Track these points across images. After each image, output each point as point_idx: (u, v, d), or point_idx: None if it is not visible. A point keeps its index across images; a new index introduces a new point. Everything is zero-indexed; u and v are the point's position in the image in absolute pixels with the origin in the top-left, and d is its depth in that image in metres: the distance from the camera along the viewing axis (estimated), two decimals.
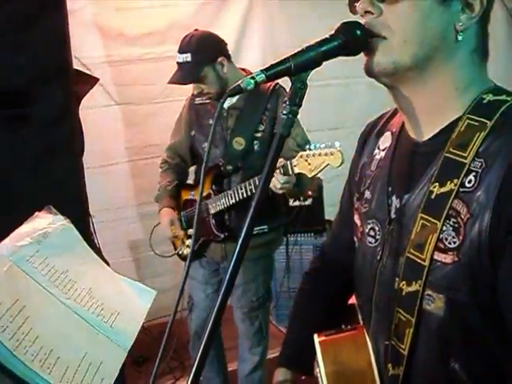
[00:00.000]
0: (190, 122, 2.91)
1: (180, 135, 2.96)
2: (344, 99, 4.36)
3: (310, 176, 2.35)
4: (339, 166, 2.23)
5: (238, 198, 2.60)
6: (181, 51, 2.67)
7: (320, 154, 2.30)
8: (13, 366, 0.95)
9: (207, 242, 2.87)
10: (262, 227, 2.76)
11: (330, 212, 3.94)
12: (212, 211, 2.77)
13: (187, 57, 2.63)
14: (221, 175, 2.78)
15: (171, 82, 2.73)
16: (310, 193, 3.86)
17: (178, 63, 2.69)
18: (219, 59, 2.68)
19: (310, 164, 2.32)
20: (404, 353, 0.98)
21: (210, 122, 2.79)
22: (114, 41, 3.55)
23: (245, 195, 2.56)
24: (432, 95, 0.97)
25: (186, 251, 2.93)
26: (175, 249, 3.09)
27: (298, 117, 0.89)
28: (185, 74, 2.66)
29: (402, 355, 0.98)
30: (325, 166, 2.29)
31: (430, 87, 0.96)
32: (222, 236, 2.77)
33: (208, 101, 2.82)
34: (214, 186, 2.78)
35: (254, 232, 2.64)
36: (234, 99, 2.76)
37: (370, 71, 0.97)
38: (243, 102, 2.74)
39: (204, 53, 2.66)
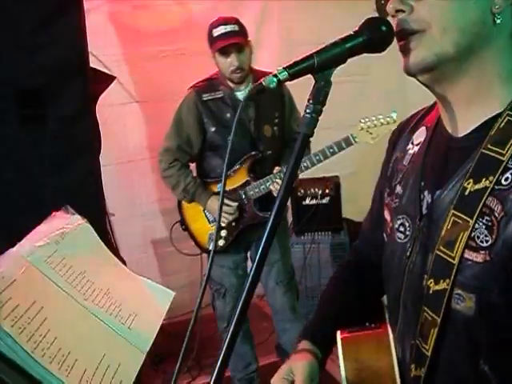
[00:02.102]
0: (201, 119, 2.92)
1: (184, 134, 2.96)
2: (358, 96, 4.32)
3: (371, 143, 2.74)
4: None
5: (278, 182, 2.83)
6: (225, 23, 2.78)
7: (381, 124, 2.78)
8: (31, 367, 0.94)
9: (245, 228, 3.00)
10: None
11: (348, 210, 3.91)
12: (254, 197, 2.96)
13: (235, 27, 2.78)
14: (255, 163, 2.95)
15: (223, 46, 2.77)
16: (327, 191, 3.83)
17: (223, 34, 2.77)
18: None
19: (371, 133, 2.81)
20: (427, 353, 0.95)
21: (228, 115, 2.88)
22: (130, 38, 3.55)
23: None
24: (474, 85, 0.94)
25: (222, 243, 3.02)
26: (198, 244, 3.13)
27: None
28: (237, 36, 2.77)
29: (426, 356, 0.96)
30: (386, 133, 2.60)
31: (472, 77, 0.93)
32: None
33: (220, 95, 2.89)
34: (251, 174, 2.96)
35: None
36: (247, 90, 2.79)
37: (410, 70, 0.94)
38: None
39: (245, 29, 2.85)
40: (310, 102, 0.86)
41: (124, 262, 2.67)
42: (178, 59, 3.69)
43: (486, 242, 0.87)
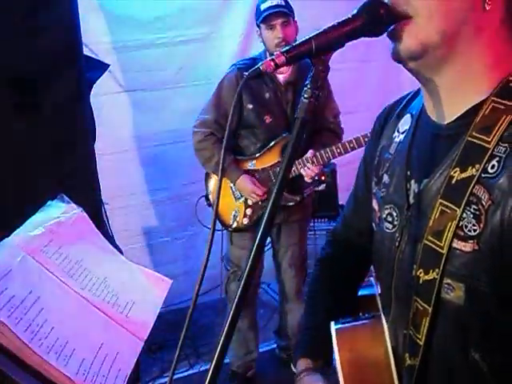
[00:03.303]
0: (240, 94, 2.91)
1: (223, 108, 2.95)
2: (357, 83, 4.29)
3: None
4: None
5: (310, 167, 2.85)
6: None
7: None
8: (28, 358, 0.94)
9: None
10: (310, 187, 3.12)
11: (344, 197, 3.90)
12: None
13: (281, 1, 2.82)
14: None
15: (269, 14, 2.79)
16: (323, 178, 3.83)
17: (270, 7, 2.80)
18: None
19: None
20: (420, 343, 0.95)
21: (267, 95, 2.92)
22: (124, 26, 3.50)
23: (320, 162, 2.85)
24: (460, 73, 0.93)
25: (246, 221, 3.04)
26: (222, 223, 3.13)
27: None
28: (283, 10, 2.80)
29: (419, 345, 0.95)
30: None
31: (458, 65, 0.92)
32: (298, 198, 3.01)
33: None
34: (283, 155, 2.87)
35: (307, 193, 2.95)
36: (287, 74, 2.92)
37: (398, 57, 0.93)
38: (296, 77, 2.90)
39: (291, 7, 2.88)
40: (308, 86, 0.85)
41: (120, 251, 2.66)
42: (174, 47, 3.65)
43: (474, 231, 0.86)
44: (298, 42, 0.84)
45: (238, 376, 3.28)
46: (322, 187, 3.80)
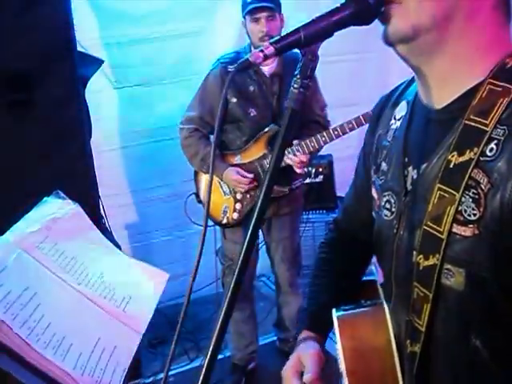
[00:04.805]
0: (225, 92, 2.88)
1: (208, 104, 2.95)
2: (357, 75, 4.26)
3: None
4: None
5: (297, 154, 2.84)
6: None
7: None
8: (26, 354, 0.94)
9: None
10: (299, 180, 3.11)
11: (341, 188, 3.90)
12: None
13: None
14: (274, 136, 2.93)
15: (254, 8, 2.77)
16: (320, 169, 3.83)
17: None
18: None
19: None
20: (422, 329, 0.95)
21: (251, 88, 2.90)
22: (117, 21, 3.48)
23: (306, 151, 2.85)
24: (452, 58, 0.92)
25: (236, 216, 3.02)
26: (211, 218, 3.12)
27: None
28: (269, 3, 2.79)
29: (420, 332, 0.95)
30: None
31: (450, 50, 0.91)
32: (286, 190, 2.98)
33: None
34: (269, 147, 2.96)
35: (296, 185, 2.92)
36: (274, 66, 2.90)
37: (388, 39, 0.92)
38: (282, 69, 2.89)
39: (279, 1, 2.87)
40: (297, 76, 0.85)
41: (119, 247, 2.67)
42: (167, 41, 3.63)
43: (474, 215, 0.85)
44: (286, 33, 0.84)
45: (240, 368, 3.29)
46: (319, 179, 3.81)
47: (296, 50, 0.86)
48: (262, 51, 0.82)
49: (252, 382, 3.31)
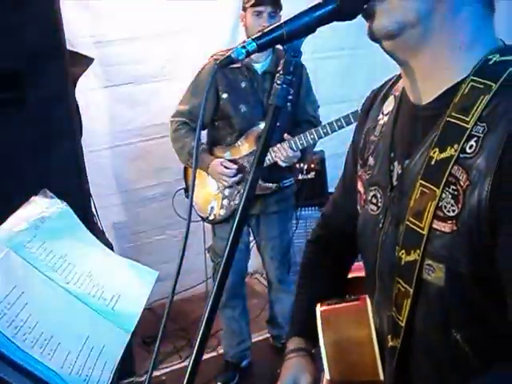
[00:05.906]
0: (216, 85, 2.91)
1: (199, 98, 2.93)
2: (348, 72, 4.26)
3: None
4: None
5: (284, 154, 2.85)
6: None
7: None
8: (12, 353, 0.94)
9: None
10: (290, 179, 3.12)
11: (333, 185, 3.90)
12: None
13: None
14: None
15: (257, 2, 2.76)
16: (312, 165, 3.82)
17: None
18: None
19: None
20: (402, 324, 0.96)
21: (243, 85, 2.91)
22: (106, 19, 3.47)
23: (292, 150, 2.85)
24: (435, 54, 0.92)
25: (223, 212, 3.02)
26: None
27: None
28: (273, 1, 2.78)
29: (400, 326, 0.96)
30: None
31: (435, 43, 0.91)
32: (274, 187, 2.99)
33: (238, 64, 2.81)
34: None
35: (286, 185, 2.92)
36: (266, 64, 2.92)
37: (373, 36, 0.92)
38: (274, 66, 2.88)
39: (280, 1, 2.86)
40: (281, 72, 0.85)
41: (111, 246, 2.66)
42: (158, 39, 3.62)
43: (453, 211, 0.86)
44: (269, 29, 0.84)
45: (233, 366, 3.29)
46: (310, 175, 3.81)
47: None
48: (243, 47, 0.82)
49: (246, 379, 3.31)
